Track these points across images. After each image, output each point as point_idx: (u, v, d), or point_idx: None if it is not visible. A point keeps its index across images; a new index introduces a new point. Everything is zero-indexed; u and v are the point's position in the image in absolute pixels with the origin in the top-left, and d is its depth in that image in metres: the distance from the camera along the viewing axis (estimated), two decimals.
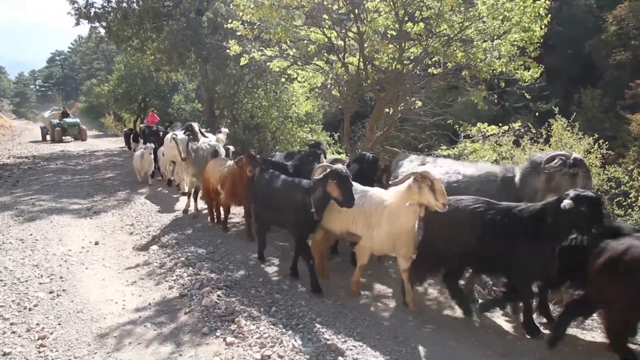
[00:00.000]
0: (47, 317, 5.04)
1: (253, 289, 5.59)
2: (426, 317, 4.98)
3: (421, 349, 4.32)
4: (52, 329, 4.78)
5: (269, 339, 4.35)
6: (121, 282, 6.06)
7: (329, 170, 5.07)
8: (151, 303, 5.38)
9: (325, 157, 9.14)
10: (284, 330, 4.56)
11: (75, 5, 18.06)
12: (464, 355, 4.27)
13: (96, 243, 7.60)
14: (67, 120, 28.66)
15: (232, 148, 10.46)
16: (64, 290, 5.74)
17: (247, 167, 6.92)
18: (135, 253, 7.16)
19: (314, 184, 5.22)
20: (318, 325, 4.65)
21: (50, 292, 5.64)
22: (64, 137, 28.06)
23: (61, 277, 6.13)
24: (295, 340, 4.35)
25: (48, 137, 28.43)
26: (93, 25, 18.63)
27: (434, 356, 4.23)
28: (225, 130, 12.30)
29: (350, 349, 4.24)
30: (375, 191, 5.37)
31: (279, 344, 4.28)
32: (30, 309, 5.19)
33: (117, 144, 24.42)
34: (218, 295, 5.30)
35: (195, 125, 10.42)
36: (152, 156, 12.66)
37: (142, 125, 21.84)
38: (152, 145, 12.92)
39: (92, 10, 18.11)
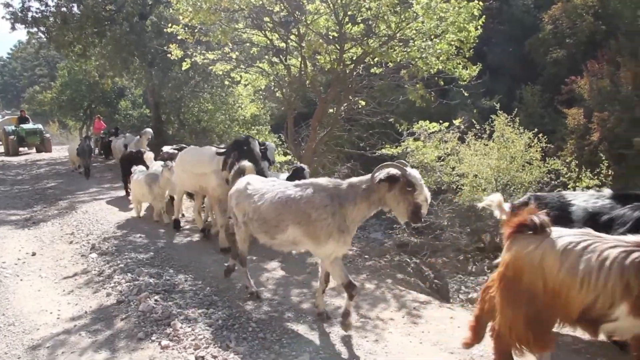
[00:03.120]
0: None
1: (192, 292, 5.58)
2: (362, 311, 5.10)
3: (353, 342, 4.42)
4: None
5: (203, 340, 4.37)
6: (57, 292, 5.92)
7: None
8: (87, 311, 5.28)
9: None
10: (219, 331, 4.58)
11: (11, 9, 17.45)
12: (395, 345, 4.39)
13: (33, 254, 7.38)
14: (25, 126, 23.23)
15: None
16: None
17: None
18: (74, 262, 7.00)
19: None
20: (253, 325, 4.70)
21: None
22: (21, 149, 23.30)
23: None
24: (230, 341, 4.38)
25: (0, 149, 24.19)
26: (31, 30, 18.05)
27: (366, 347, 4.33)
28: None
29: (284, 347, 4.31)
30: None
31: (214, 344, 4.30)
32: None
33: (60, 152, 23.63)
34: (155, 300, 5.27)
35: (255, 144, 7.03)
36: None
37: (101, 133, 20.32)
38: (170, 163, 8.61)
39: (29, 14, 17.52)
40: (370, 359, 4.14)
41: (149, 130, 13.99)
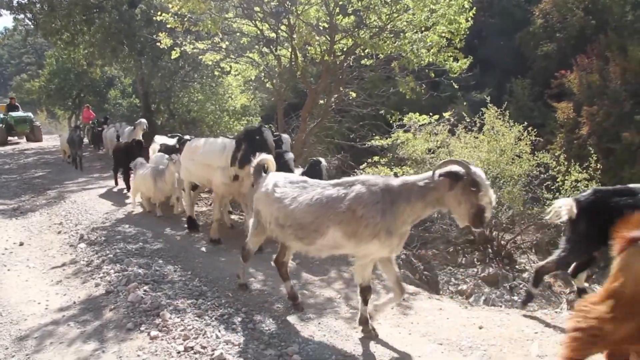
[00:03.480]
0: None
1: (181, 282, 5.57)
2: (352, 302, 5.12)
3: (343, 333, 4.45)
4: None
5: (192, 330, 4.37)
6: (45, 282, 5.89)
7: None
8: (76, 302, 5.26)
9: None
10: (208, 321, 4.58)
11: None
12: (385, 336, 4.41)
13: (21, 244, 7.33)
14: (14, 114, 22.18)
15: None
16: None
17: None
18: (62, 252, 6.96)
19: None
20: (243, 315, 4.70)
21: None
22: (10, 138, 22.43)
23: None
24: (219, 331, 4.38)
25: None
26: (17, 16, 17.74)
27: (355, 339, 4.35)
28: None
29: (274, 337, 4.31)
30: None
31: (203, 335, 4.30)
32: None
33: (49, 141, 23.36)
34: (144, 290, 5.25)
35: (269, 134, 6.23)
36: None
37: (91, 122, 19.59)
38: (176, 156, 8.11)
39: (15, 0, 17.21)
40: (359, 349, 4.16)
41: (144, 120, 13.42)
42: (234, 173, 6.42)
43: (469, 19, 9.26)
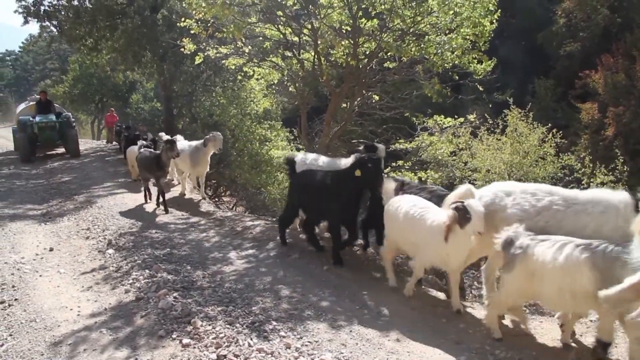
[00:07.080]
0: None
1: (210, 289, 5.58)
2: (381, 309, 5.08)
3: (375, 341, 4.41)
4: (2, 340, 4.65)
5: (224, 338, 4.37)
6: (76, 288, 5.95)
7: None
8: (107, 308, 5.31)
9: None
10: (240, 329, 4.58)
11: (23, 2, 17.49)
12: (418, 344, 4.37)
13: (51, 249, 7.41)
14: (40, 119, 15.76)
15: None
16: (16, 299, 5.59)
17: None
18: (91, 258, 7.03)
19: None
20: (274, 323, 4.69)
21: (1, 302, 5.48)
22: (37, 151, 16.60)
23: (13, 287, 5.96)
24: (251, 339, 4.37)
25: None
26: (43, 24, 18.08)
27: (387, 347, 4.32)
28: None
29: (306, 345, 4.30)
30: None
31: (235, 343, 4.30)
32: None
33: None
34: (174, 297, 5.28)
35: None
36: None
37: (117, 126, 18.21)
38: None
39: (42, 8, 17.56)
40: (392, 358, 4.13)
41: (219, 135, 9.98)
42: None
43: (494, 21, 9.17)
